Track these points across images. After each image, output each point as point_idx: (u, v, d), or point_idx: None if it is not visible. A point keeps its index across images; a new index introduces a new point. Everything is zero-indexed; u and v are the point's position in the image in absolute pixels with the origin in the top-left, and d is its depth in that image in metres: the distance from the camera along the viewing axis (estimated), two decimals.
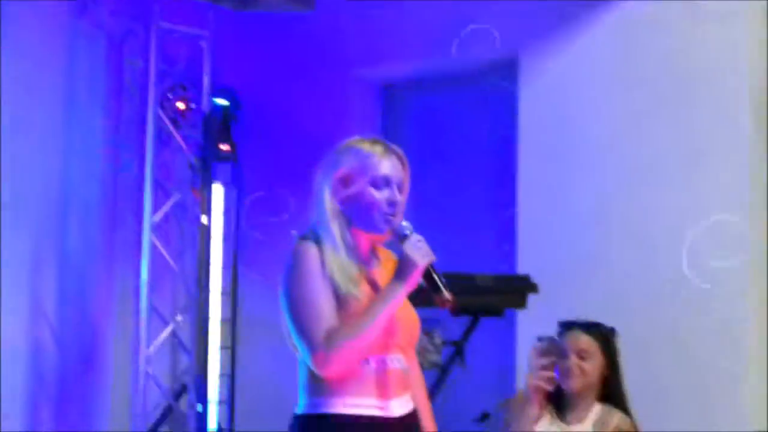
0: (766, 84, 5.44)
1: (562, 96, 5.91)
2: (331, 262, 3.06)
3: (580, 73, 5.84)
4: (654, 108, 5.58)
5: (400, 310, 3.10)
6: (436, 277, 3.09)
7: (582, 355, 4.25)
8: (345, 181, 3.14)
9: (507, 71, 6.17)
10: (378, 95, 6.85)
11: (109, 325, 6.25)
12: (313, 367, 3.05)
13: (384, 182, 3.14)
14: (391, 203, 3.13)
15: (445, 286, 3.08)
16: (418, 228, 3.16)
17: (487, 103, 6.44)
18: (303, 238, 3.13)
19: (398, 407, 3.14)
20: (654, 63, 5.58)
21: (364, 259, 3.19)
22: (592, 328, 4.31)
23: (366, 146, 3.18)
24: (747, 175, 5.34)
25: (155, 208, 5.91)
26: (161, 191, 6.13)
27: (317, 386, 3.09)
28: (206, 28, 6.09)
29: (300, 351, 3.08)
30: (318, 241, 3.09)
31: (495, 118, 6.38)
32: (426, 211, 3.28)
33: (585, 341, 4.27)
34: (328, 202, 3.13)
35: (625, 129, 5.66)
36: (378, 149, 3.17)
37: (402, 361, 3.17)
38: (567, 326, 4.33)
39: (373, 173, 3.13)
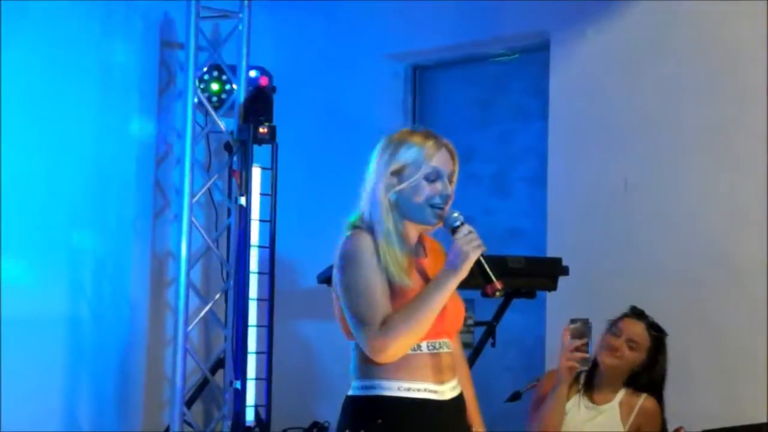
0: None
1: (592, 77, 5.93)
2: (385, 252, 3.15)
3: (610, 54, 5.86)
4: (682, 91, 5.60)
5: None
6: (486, 267, 3.17)
7: (631, 344, 4.42)
8: (399, 175, 3.21)
9: (538, 51, 6.22)
10: (409, 76, 6.89)
11: (147, 302, 6.39)
12: (368, 353, 3.13)
13: (436, 175, 3.21)
14: (443, 196, 3.21)
15: (495, 275, 3.16)
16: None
17: (518, 82, 6.49)
18: (356, 226, 3.22)
19: (449, 390, 3.25)
20: (683, 50, 5.60)
21: (413, 249, 3.29)
22: (654, 327, 4.49)
23: (418, 140, 3.24)
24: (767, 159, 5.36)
25: (194, 189, 6.01)
26: (200, 172, 6.25)
27: (371, 369, 3.18)
28: (243, 10, 6.16)
29: (356, 337, 3.17)
30: (371, 231, 3.18)
31: (524, 97, 6.44)
32: (457, 193, 3.34)
33: (640, 333, 4.44)
34: (382, 195, 3.20)
35: (654, 111, 5.68)
36: (430, 143, 3.23)
37: (450, 346, 3.29)
38: (636, 313, 4.50)
39: (426, 167, 3.20)
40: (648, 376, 4.44)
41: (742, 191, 5.40)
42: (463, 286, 3.22)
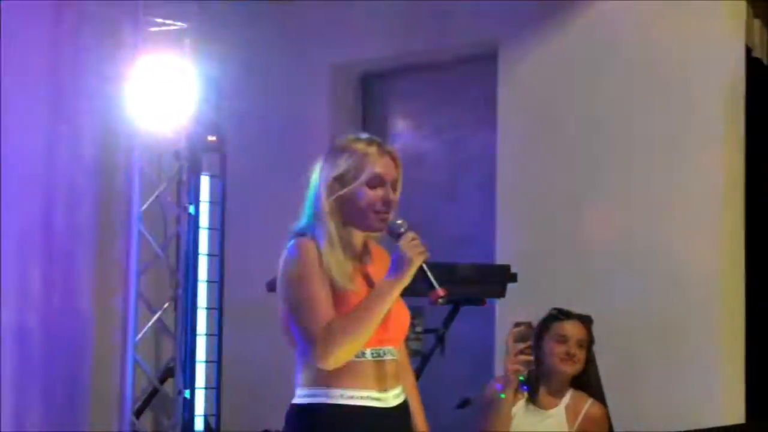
0: (742, 82, 5.52)
1: (541, 85, 5.98)
2: (328, 259, 3.16)
3: (559, 63, 5.91)
4: (631, 98, 5.65)
5: (392, 304, 3.20)
6: (429, 274, 3.17)
7: (580, 345, 4.48)
8: (341, 181, 3.22)
9: (487, 60, 6.24)
10: (357, 85, 6.92)
11: (94, 311, 6.34)
12: (312, 360, 3.14)
13: (379, 181, 3.22)
14: (386, 202, 3.22)
15: (438, 282, 3.17)
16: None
17: (468, 90, 6.52)
18: (299, 234, 3.22)
19: (393, 398, 3.26)
20: (632, 57, 5.65)
21: (359, 256, 3.29)
22: (586, 320, 4.54)
23: (361, 146, 3.25)
24: (721, 162, 5.41)
25: (143, 198, 5.98)
26: (149, 180, 6.21)
27: (314, 377, 3.18)
28: (190, 20, 6.14)
29: (299, 344, 3.17)
30: (314, 238, 3.19)
31: (474, 106, 6.47)
32: (403, 201, 3.35)
33: (583, 331, 4.50)
34: (325, 202, 3.21)
35: (604, 119, 5.73)
36: (373, 149, 3.24)
37: (395, 354, 3.30)
38: (566, 314, 4.53)
39: (368, 173, 3.21)
40: (588, 369, 4.51)
41: (694, 200, 5.46)
42: (411, 293, 3.24)
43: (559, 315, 4.53)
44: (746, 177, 5.52)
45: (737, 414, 5.35)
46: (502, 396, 4.26)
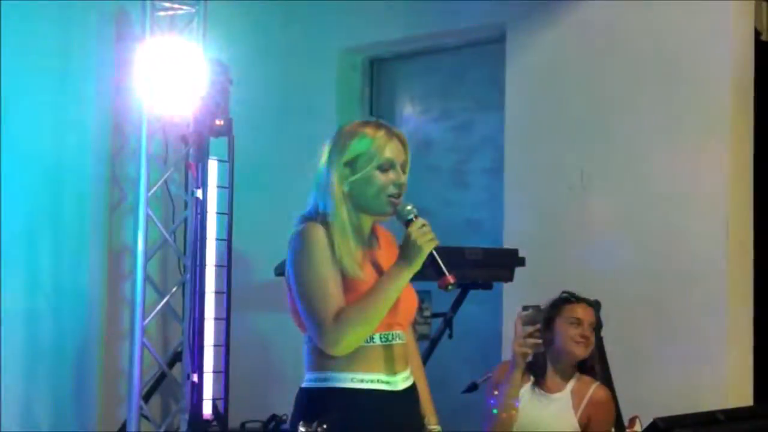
0: (751, 65, 5.52)
1: (548, 68, 5.96)
2: (339, 244, 3.16)
3: (566, 46, 5.90)
4: (638, 84, 5.64)
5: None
6: (439, 261, 3.17)
7: (593, 327, 4.49)
8: (352, 166, 3.23)
9: (494, 43, 6.23)
10: (365, 69, 6.91)
11: (103, 295, 6.36)
12: (322, 345, 3.15)
13: (389, 165, 3.23)
14: (397, 185, 3.23)
15: (447, 269, 3.17)
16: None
17: (475, 73, 6.50)
18: (309, 219, 3.22)
19: (402, 381, 3.27)
20: (640, 41, 5.64)
21: (367, 241, 3.30)
22: (594, 305, 4.56)
23: (370, 131, 3.26)
24: (728, 152, 5.40)
25: (150, 182, 5.99)
26: (157, 164, 6.22)
27: (323, 361, 3.19)
28: (199, 3, 6.15)
29: (308, 329, 3.18)
30: (325, 223, 3.19)
31: (482, 90, 6.46)
32: (411, 186, 3.35)
33: (592, 315, 4.52)
34: (336, 187, 3.21)
35: (611, 103, 5.71)
36: (381, 133, 3.25)
37: (403, 337, 3.30)
38: (577, 298, 4.55)
39: (379, 158, 3.22)
40: (597, 355, 4.54)
41: (701, 183, 5.45)
42: (420, 278, 3.23)
43: (571, 298, 4.54)
44: (755, 161, 5.53)
45: (745, 396, 5.36)
46: (494, 411, 4.28)
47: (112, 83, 6.31)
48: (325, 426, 3.13)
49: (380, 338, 3.23)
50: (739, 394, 5.33)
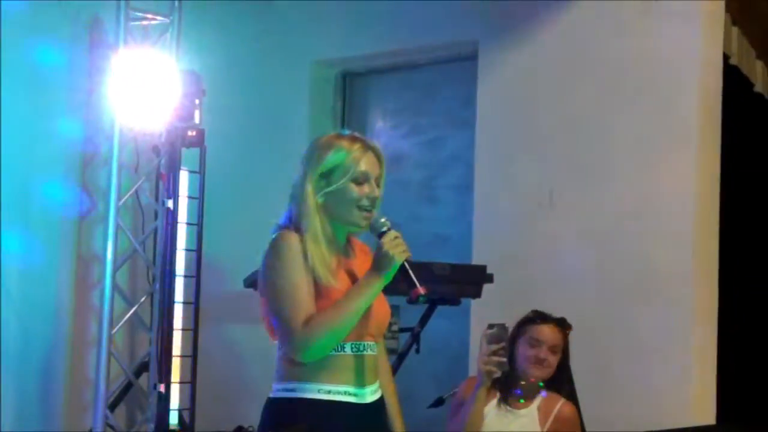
0: (719, 88, 5.58)
1: (520, 86, 6.01)
2: (312, 253, 3.19)
3: (538, 64, 5.94)
4: (608, 104, 5.69)
5: (373, 300, 3.24)
6: (411, 273, 3.20)
7: (554, 350, 4.49)
8: (327, 177, 3.26)
9: (467, 60, 6.28)
10: (338, 83, 6.93)
11: (72, 304, 6.34)
12: (291, 353, 3.18)
13: (364, 178, 3.26)
14: (371, 198, 3.26)
15: (419, 281, 3.20)
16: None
17: (447, 90, 6.55)
18: (284, 227, 3.25)
19: (370, 394, 3.29)
20: (609, 58, 5.69)
21: (341, 251, 3.33)
22: (564, 325, 4.55)
23: (346, 143, 3.29)
24: (695, 171, 5.47)
25: (121, 191, 5.99)
26: (128, 174, 6.21)
27: (292, 371, 3.21)
28: (173, 13, 6.16)
29: (279, 336, 3.21)
30: (299, 231, 3.22)
31: (453, 106, 6.50)
32: (382, 200, 3.38)
33: (558, 336, 4.52)
34: (311, 197, 3.25)
35: (581, 121, 5.77)
36: (357, 146, 3.28)
37: (375, 349, 3.33)
38: (543, 317, 4.54)
39: (354, 170, 3.25)
40: (562, 372, 4.53)
41: (668, 203, 5.51)
42: (389, 292, 3.27)
43: (536, 318, 4.55)
44: (723, 180, 5.59)
45: (708, 416, 5.40)
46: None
47: (84, 92, 6.30)
48: None
49: (351, 348, 3.25)
50: (703, 412, 5.38)
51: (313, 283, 3.19)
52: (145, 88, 6.02)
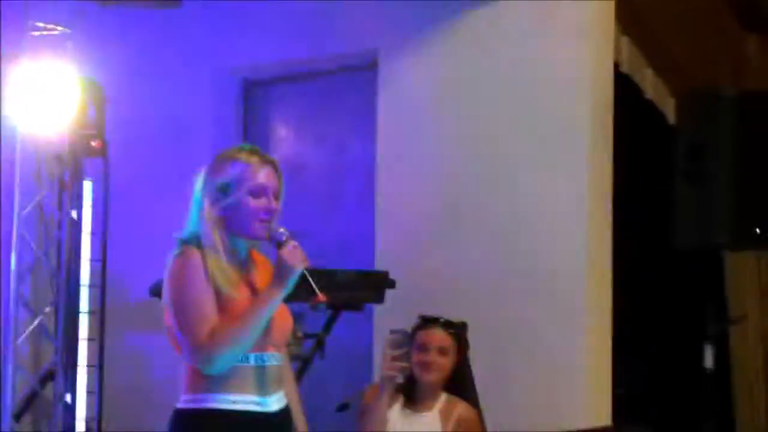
0: (610, 94, 5.76)
1: (419, 95, 6.09)
2: (213, 266, 3.26)
3: (437, 74, 6.04)
4: (504, 108, 5.82)
5: (275, 310, 3.30)
6: (311, 280, 3.28)
7: (442, 352, 4.53)
8: (224, 191, 3.32)
9: (368, 69, 6.35)
10: (240, 90, 6.97)
11: None
12: (195, 364, 3.24)
13: (261, 191, 3.32)
14: (268, 211, 3.32)
15: (318, 289, 3.28)
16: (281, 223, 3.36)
17: (349, 98, 6.62)
18: (184, 242, 3.30)
19: (275, 402, 3.36)
20: (507, 70, 5.82)
21: (242, 263, 3.39)
22: (450, 326, 4.59)
23: (243, 157, 3.35)
24: (587, 172, 5.62)
25: (24, 202, 5.98)
26: (30, 185, 6.18)
27: (198, 382, 3.27)
28: (71, 24, 6.14)
29: (183, 349, 3.26)
30: (199, 246, 3.28)
31: (355, 114, 6.59)
32: (284, 207, 3.46)
33: (445, 338, 4.55)
34: (209, 211, 3.31)
35: (478, 131, 5.88)
36: (254, 159, 3.35)
37: (278, 359, 3.40)
38: (428, 321, 4.58)
39: (251, 183, 3.31)
40: (461, 372, 4.60)
41: (561, 205, 5.65)
42: (292, 299, 3.33)
43: (423, 323, 4.59)
44: (616, 185, 5.75)
45: (604, 417, 5.55)
46: None
47: None
48: None
49: (255, 359, 3.31)
50: (599, 414, 5.52)
51: (215, 296, 3.25)
52: (46, 99, 5.98)
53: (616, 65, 5.93)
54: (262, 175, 3.34)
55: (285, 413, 3.43)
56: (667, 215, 5.36)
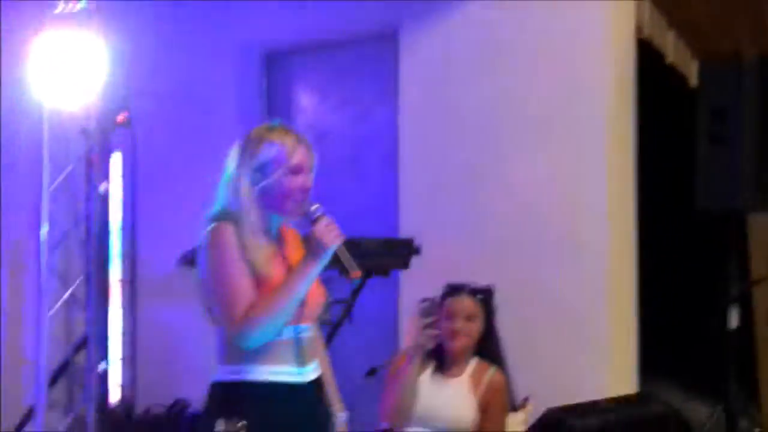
0: (631, 56, 5.78)
1: (439, 67, 6.13)
2: (249, 243, 3.31)
3: (455, 46, 6.07)
4: (524, 76, 5.86)
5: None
6: (345, 256, 3.35)
7: (470, 318, 4.59)
8: (262, 171, 3.36)
9: (389, 39, 6.38)
10: (262, 61, 7.00)
11: (5, 286, 6.39)
12: (234, 340, 3.30)
13: (298, 170, 3.38)
14: (304, 189, 3.39)
15: (352, 264, 3.35)
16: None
17: (370, 67, 6.65)
18: (219, 218, 3.35)
19: (311, 372, 3.45)
20: (525, 40, 5.86)
21: (275, 240, 3.45)
22: (477, 292, 4.65)
23: (277, 137, 3.39)
24: (608, 138, 5.66)
25: (54, 175, 6.05)
26: (59, 159, 6.26)
27: (235, 355, 3.34)
28: None
29: (221, 324, 3.33)
30: (235, 222, 3.32)
31: (376, 82, 6.62)
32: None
33: (472, 305, 4.61)
34: (246, 190, 3.35)
35: (499, 96, 5.91)
36: (290, 139, 3.39)
37: (312, 330, 3.48)
38: (455, 289, 4.64)
39: (289, 164, 3.36)
40: (489, 338, 4.65)
41: (583, 172, 5.69)
42: (324, 269, 3.38)
43: (449, 291, 4.65)
44: (638, 152, 5.78)
45: (630, 380, 5.62)
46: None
47: (9, 77, 6.28)
48: (245, 422, 3.26)
49: (291, 331, 3.38)
50: (625, 376, 5.58)
51: (252, 272, 3.30)
52: (72, 72, 6.01)
53: (638, 29, 5.93)
54: (299, 155, 3.39)
55: (319, 382, 3.51)
56: (689, 178, 5.39)
